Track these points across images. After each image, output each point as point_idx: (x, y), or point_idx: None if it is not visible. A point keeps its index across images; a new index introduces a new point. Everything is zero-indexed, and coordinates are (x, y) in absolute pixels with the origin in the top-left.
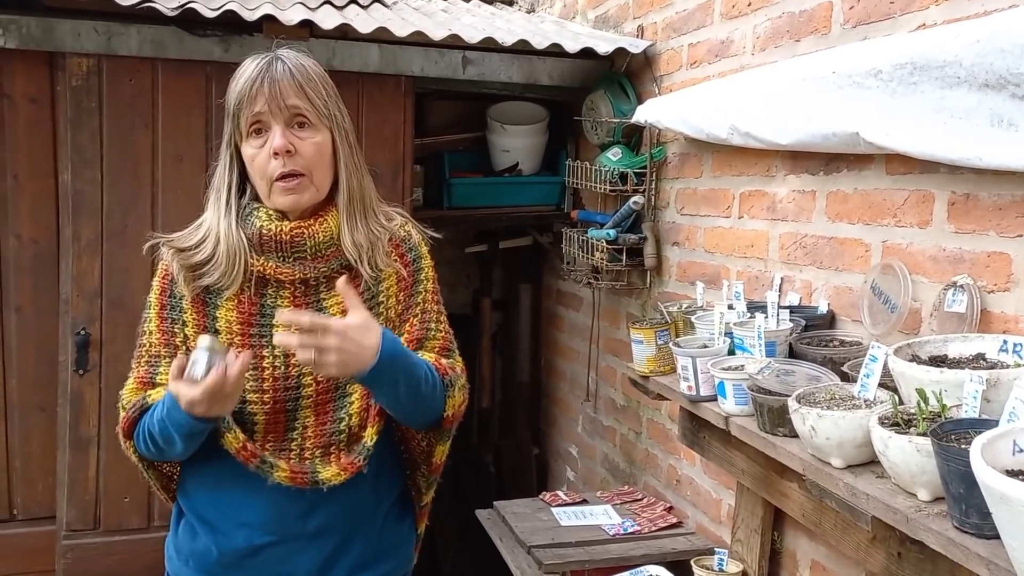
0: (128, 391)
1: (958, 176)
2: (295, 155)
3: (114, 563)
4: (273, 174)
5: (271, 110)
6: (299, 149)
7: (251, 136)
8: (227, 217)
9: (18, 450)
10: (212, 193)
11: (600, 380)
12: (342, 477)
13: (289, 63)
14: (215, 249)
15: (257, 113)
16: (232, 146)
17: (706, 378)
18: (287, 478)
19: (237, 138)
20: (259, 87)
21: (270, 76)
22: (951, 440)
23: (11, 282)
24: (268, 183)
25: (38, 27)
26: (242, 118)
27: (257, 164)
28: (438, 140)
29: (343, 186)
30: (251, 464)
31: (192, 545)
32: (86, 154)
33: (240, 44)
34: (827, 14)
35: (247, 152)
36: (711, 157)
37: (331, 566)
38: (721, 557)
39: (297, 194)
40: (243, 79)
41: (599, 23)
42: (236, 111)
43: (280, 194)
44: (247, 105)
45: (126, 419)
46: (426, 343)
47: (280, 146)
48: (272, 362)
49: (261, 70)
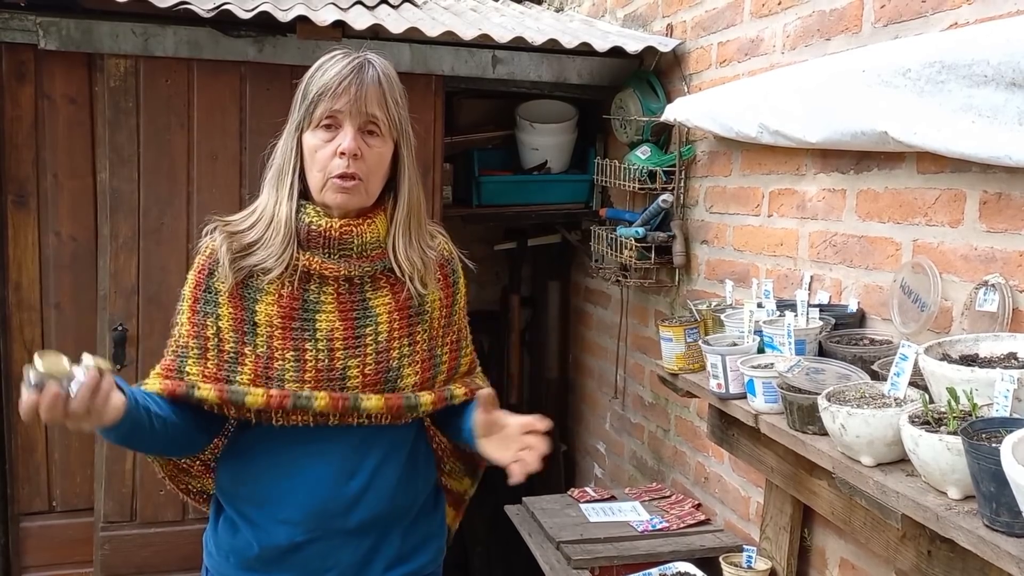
0: (150, 379)
1: (990, 175)
2: (359, 160)
3: (150, 554)
4: (333, 171)
5: (350, 112)
6: (364, 155)
7: (320, 128)
8: (289, 201)
9: (57, 443)
10: (272, 173)
11: (628, 377)
12: (382, 407)
13: (379, 70)
14: (267, 230)
15: (336, 110)
16: (298, 131)
17: (735, 376)
18: (328, 404)
19: (305, 125)
20: (346, 86)
21: (359, 79)
22: (982, 439)
23: (51, 279)
24: (325, 177)
25: (77, 29)
26: (319, 109)
27: (319, 157)
28: (468, 138)
29: (404, 199)
30: (287, 403)
31: (232, 541)
32: (123, 153)
33: (273, 45)
34: (858, 13)
35: (311, 141)
36: (740, 155)
37: (370, 561)
38: (750, 554)
39: (349, 195)
40: (331, 73)
41: (628, 21)
42: (316, 100)
43: (333, 191)
44: (329, 99)
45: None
46: (460, 360)
47: (350, 148)
48: (315, 355)
49: (353, 70)
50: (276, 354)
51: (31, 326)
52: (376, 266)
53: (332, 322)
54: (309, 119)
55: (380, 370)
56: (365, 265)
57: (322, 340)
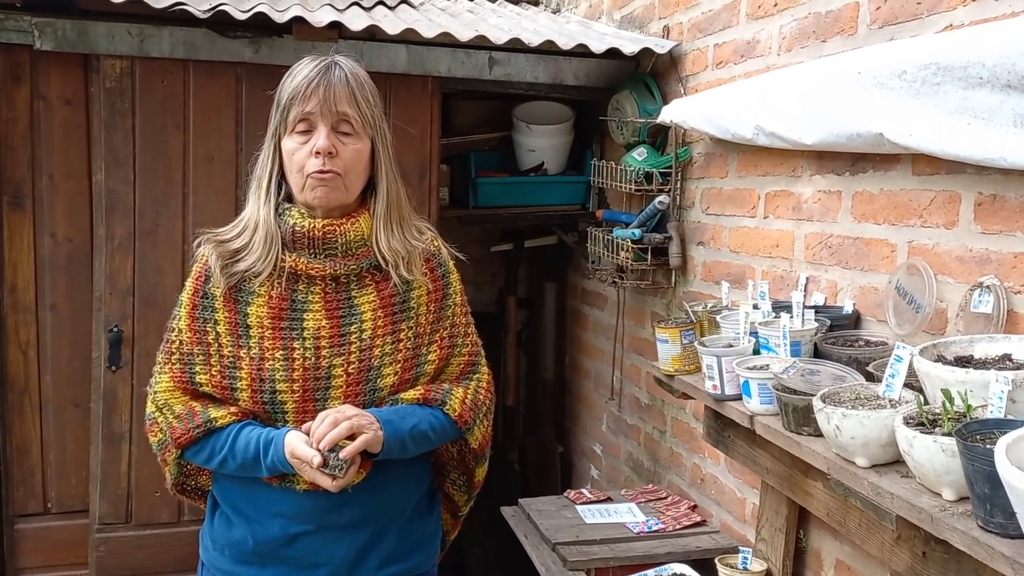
0: (163, 390)
1: (985, 177)
2: (335, 157)
3: (145, 556)
4: (310, 170)
5: (321, 112)
6: (339, 152)
7: (296, 132)
8: (266, 205)
9: (53, 444)
10: (253, 183)
11: (625, 378)
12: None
13: (345, 70)
14: (253, 236)
15: (308, 112)
16: (275, 138)
17: (731, 377)
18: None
19: (281, 131)
20: (314, 88)
21: (327, 80)
22: (976, 440)
23: (47, 280)
24: (304, 177)
25: (73, 29)
26: (292, 113)
27: (296, 159)
28: (464, 140)
29: (382, 193)
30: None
31: (228, 534)
32: (119, 154)
33: (270, 46)
34: (853, 14)
35: (288, 146)
36: (737, 157)
37: (364, 558)
38: (745, 556)
39: (328, 187)
40: (300, 77)
41: (624, 23)
42: (288, 105)
43: (311, 187)
44: (300, 102)
45: (187, 435)
46: (452, 359)
47: (324, 147)
48: (303, 353)
49: (319, 72)
50: (267, 354)
51: (26, 327)
52: (362, 264)
53: (319, 321)
54: (284, 124)
55: (363, 368)
56: (351, 263)
57: (309, 339)
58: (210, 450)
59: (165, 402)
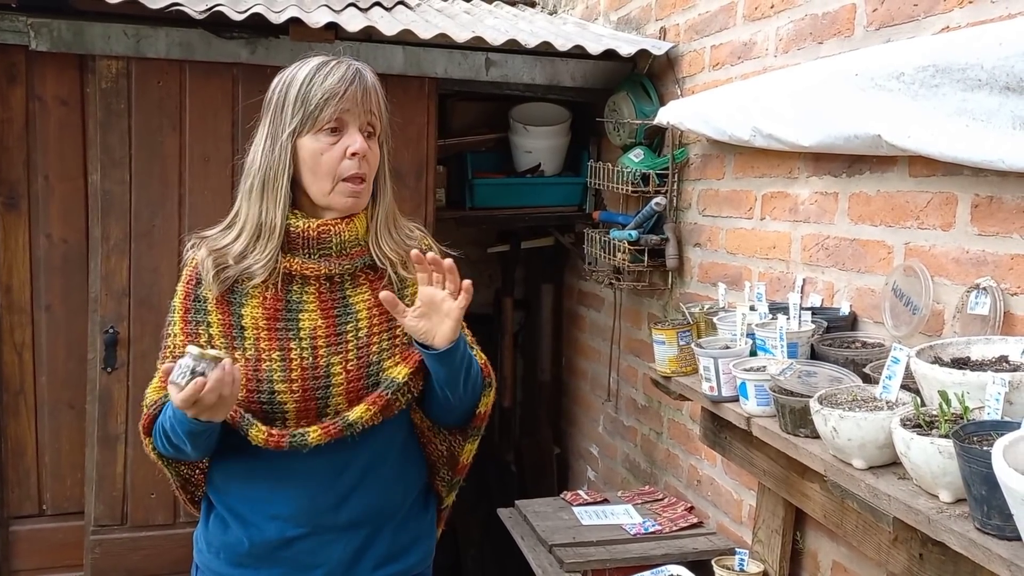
0: (152, 390)
1: (981, 178)
2: (365, 160)
3: (141, 558)
4: (344, 173)
5: (357, 114)
6: (368, 156)
7: (323, 132)
8: (276, 207)
9: (48, 446)
10: (255, 182)
11: (621, 380)
12: (371, 412)
13: (370, 76)
14: (256, 239)
15: (345, 111)
16: (293, 137)
17: (728, 379)
18: (321, 435)
19: (305, 129)
20: (353, 90)
21: (362, 82)
22: (973, 442)
23: (42, 281)
24: (334, 181)
25: (69, 30)
26: (325, 113)
27: (326, 160)
28: (461, 141)
29: (383, 197)
30: (283, 444)
31: (223, 537)
32: (115, 155)
33: (266, 47)
34: (850, 16)
35: (312, 146)
36: (733, 158)
37: (360, 558)
38: (742, 557)
39: (358, 198)
40: (334, 78)
41: (621, 25)
42: (322, 105)
43: (344, 194)
44: (336, 102)
45: (146, 416)
46: None
47: (362, 148)
48: (300, 353)
49: (354, 74)
50: (263, 355)
51: (21, 328)
52: (356, 263)
53: (315, 321)
54: (312, 123)
55: (362, 365)
56: (345, 263)
57: (306, 339)
58: (160, 427)
59: (151, 401)
